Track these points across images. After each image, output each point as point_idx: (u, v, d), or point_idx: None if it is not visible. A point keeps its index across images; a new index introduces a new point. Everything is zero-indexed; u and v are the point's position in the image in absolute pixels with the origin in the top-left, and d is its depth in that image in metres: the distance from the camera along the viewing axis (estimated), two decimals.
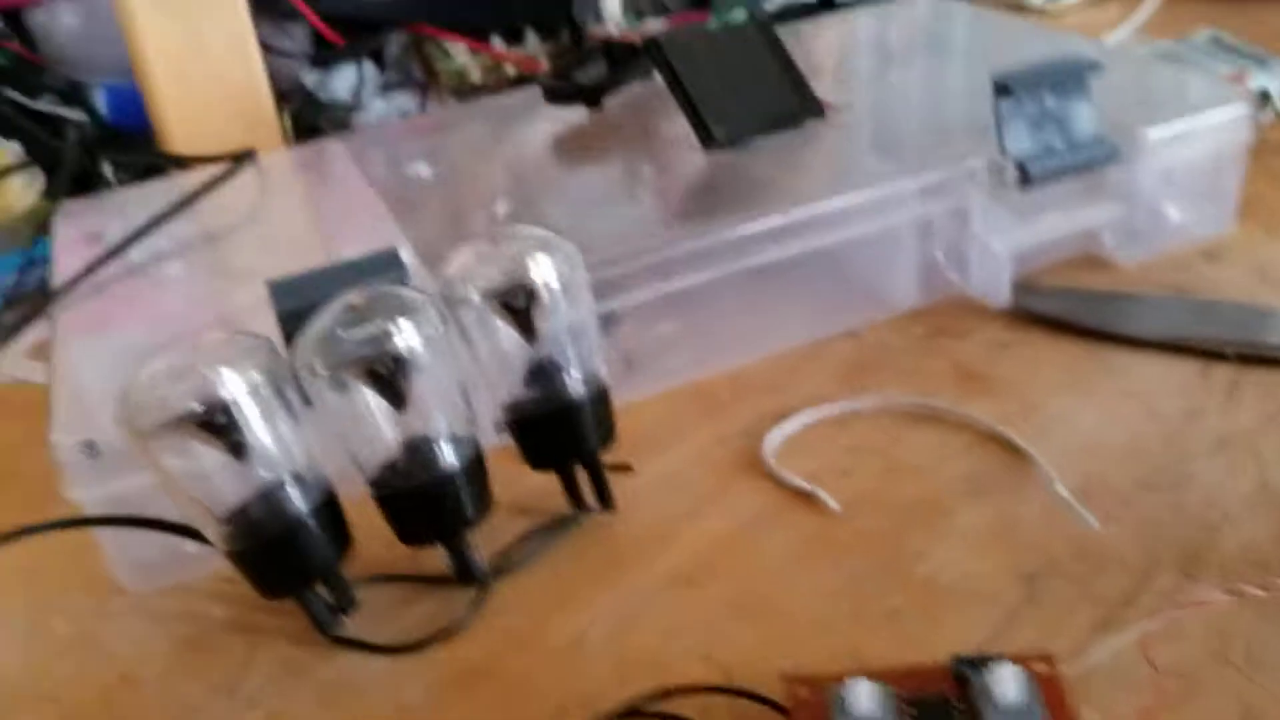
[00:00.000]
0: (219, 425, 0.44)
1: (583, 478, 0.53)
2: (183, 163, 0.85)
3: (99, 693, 0.48)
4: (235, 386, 0.44)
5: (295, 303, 0.48)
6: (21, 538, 0.45)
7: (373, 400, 0.46)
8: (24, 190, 0.88)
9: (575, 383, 0.51)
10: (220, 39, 0.88)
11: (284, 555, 0.46)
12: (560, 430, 0.51)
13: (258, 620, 0.50)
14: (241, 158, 0.76)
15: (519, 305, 0.50)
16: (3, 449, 0.64)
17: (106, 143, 0.94)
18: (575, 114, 0.80)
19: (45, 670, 0.49)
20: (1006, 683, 0.38)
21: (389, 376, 0.46)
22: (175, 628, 0.50)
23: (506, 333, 0.50)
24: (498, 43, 1.03)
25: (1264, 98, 0.83)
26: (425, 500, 0.47)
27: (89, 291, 0.64)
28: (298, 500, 0.46)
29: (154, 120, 0.91)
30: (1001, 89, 0.64)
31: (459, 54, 1.02)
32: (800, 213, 0.62)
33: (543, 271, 0.49)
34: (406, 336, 0.46)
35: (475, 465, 0.48)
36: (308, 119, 0.97)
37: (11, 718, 0.47)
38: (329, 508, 0.47)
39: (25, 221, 0.84)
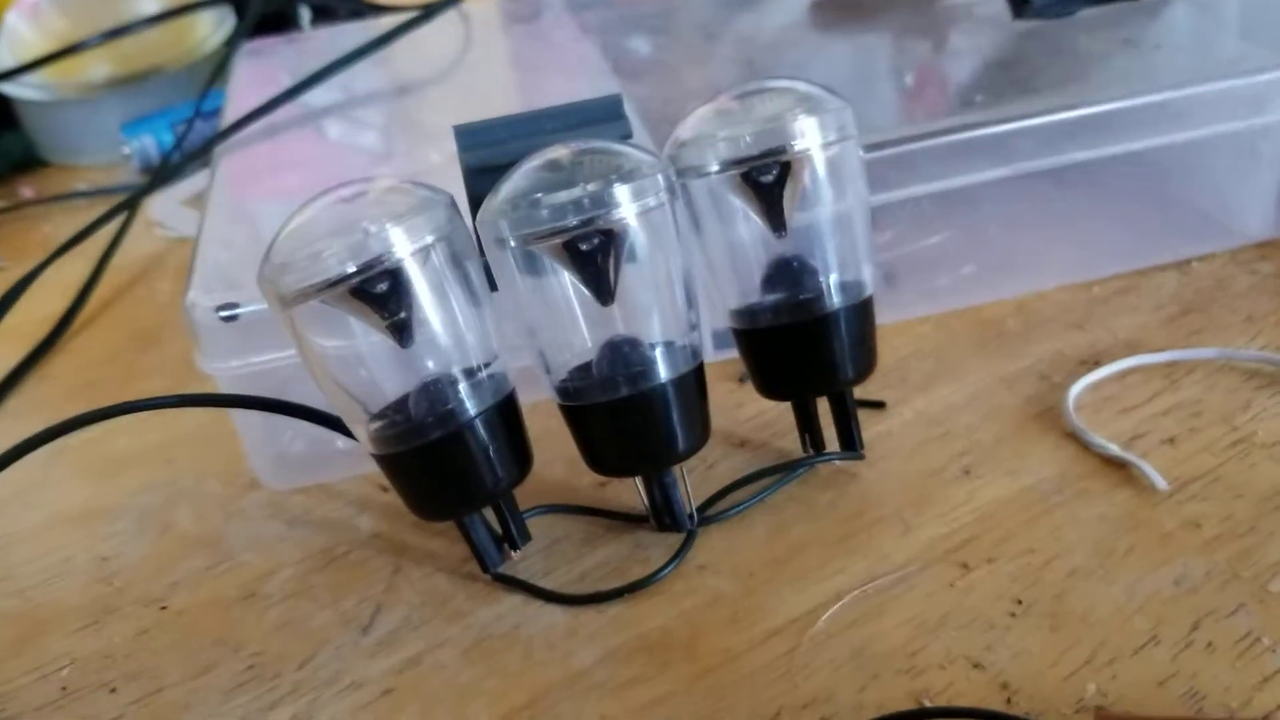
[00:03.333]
0: (378, 296, 0.36)
1: (824, 411, 0.44)
2: (383, 10, 0.79)
3: (215, 606, 0.42)
4: (403, 249, 0.36)
5: (488, 155, 0.40)
6: (134, 412, 0.38)
7: (571, 285, 0.38)
8: (214, 31, 0.84)
9: (832, 291, 0.41)
10: None
11: (445, 468, 0.38)
12: (805, 351, 0.41)
13: (409, 540, 0.43)
14: (442, 2, 0.68)
15: (769, 182, 0.40)
16: (154, 308, 0.59)
17: None
18: None
19: (162, 568, 0.44)
20: None
21: (595, 256, 0.37)
22: (312, 537, 0.44)
23: (748, 216, 0.41)
24: None
25: None
26: (625, 419, 0.39)
27: (258, 138, 0.57)
28: (468, 400, 0.38)
29: None
30: None
31: None
32: (1131, 102, 0.49)
33: (807, 140, 0.39)
34: (623, 208, 0.37)
35: (692, 382, 0.39)
36: None
37: (111, 616, 0.42)
38: (506, 415, 0.39)
39: (211, 63, 0.79)
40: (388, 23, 0.68)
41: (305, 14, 0.83)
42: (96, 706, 0.38)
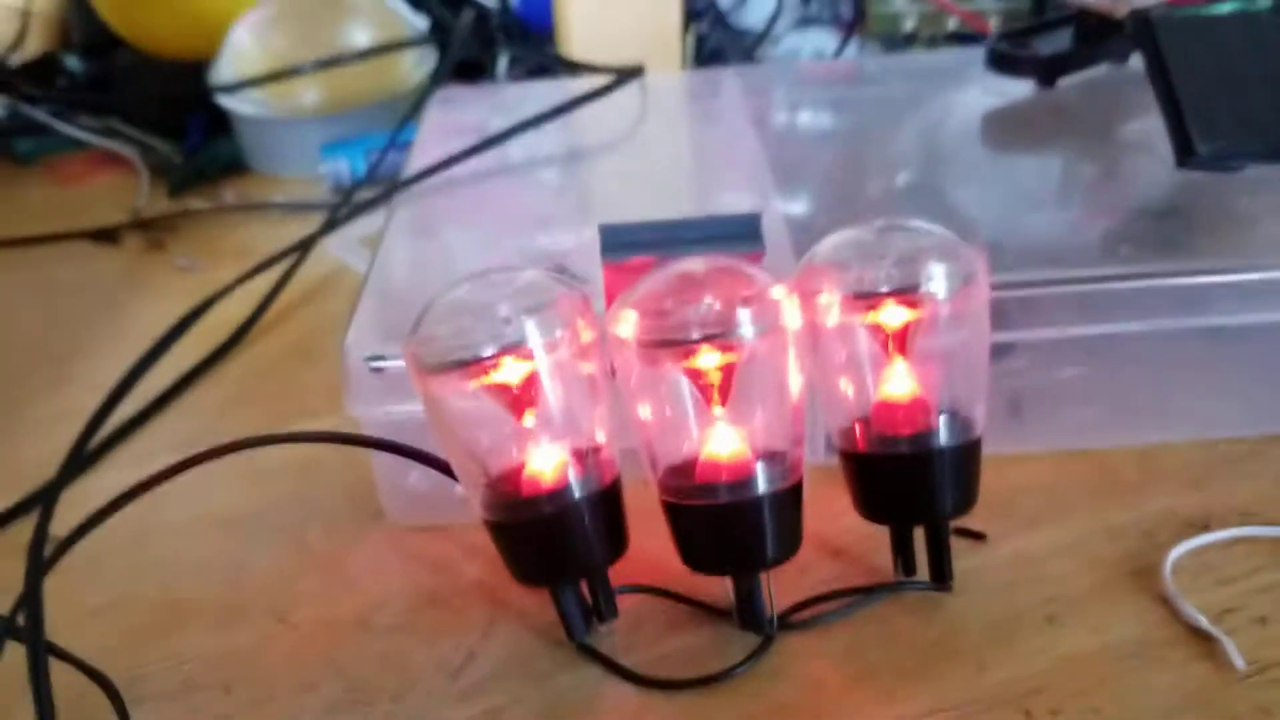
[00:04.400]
0: (509, 379, 0.40)
1: (920, 536, 0.46)
2: (573, 68, 0.84)
3: (326, 627, 0.46)
4: (535, 340, 0.40)
5: (627, 254, 0.44)
6: (280, 443, 0.43)
7: (686, 390, 0.41)
8: (415, 67, 0.90)
9: (940, 426, 0.43)
10: None
11: (547, 541, 0.42)
12: (907, 481, 0.44)
13: (507, 594, 0.47)
14: (627, 74, 0.73)
15: (893, 320, 0.43)
16: (318, 329, 0.65)
17: (509, 33, 0.95)
18: (1019, 89, 0.70)
19: (286, 581, 0.49)
20: None
21: (711, 369, 0.41)
22: (422, 575, 0.49)
23: (869, 346, 0.43)
24: None
25: None
26: (719, 523, 0.42)
27: (436, 187, 0.63)
28: (576, 482, 0.41)
29: (556, 19, 0.91)
30: None
31: None
32: None
33: (935, 285, 0.42)
34: (744, 330, 0.40)
35: (789, 496, 0.42)
36: (713, 42, 0.93)
37: (233, 620, 0.47)
38: (609, 498, 0.43)
39: (410, 98, 0.86)
40: (577, 87, 0.73)
41: (503, 61, 0.89)
42: (212, 703, 0.43)
